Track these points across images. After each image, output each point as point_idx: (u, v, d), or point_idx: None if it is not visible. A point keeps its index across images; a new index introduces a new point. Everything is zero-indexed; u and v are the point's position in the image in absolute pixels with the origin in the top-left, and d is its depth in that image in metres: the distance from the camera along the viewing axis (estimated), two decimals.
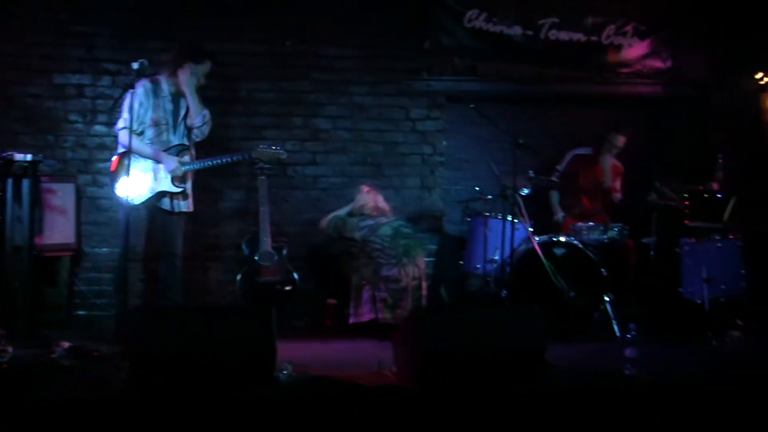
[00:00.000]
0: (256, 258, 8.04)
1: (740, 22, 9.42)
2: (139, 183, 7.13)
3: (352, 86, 9.00)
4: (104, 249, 8.38)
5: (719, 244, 7.96)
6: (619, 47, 9.52)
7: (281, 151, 7.94)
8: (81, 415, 5.07)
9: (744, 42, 9.50)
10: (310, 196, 8.89)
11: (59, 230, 7.89)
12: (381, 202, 8.17)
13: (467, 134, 9.35)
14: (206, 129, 7.58)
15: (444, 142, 9.13)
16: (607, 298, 7.63)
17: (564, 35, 9.32)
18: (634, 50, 9.57)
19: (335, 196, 8.90)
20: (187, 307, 6.97)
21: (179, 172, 7.37)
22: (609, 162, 8.85)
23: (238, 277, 8.06)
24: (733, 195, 8.33)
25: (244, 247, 8.20)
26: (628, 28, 9.52)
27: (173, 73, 7.35)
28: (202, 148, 7.85)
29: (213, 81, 8.55)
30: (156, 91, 7.15)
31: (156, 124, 7.28)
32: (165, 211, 7.31)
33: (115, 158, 7.39)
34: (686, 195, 8.31)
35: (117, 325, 6.96)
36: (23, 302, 7.22)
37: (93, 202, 8.47)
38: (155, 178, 7.22)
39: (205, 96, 8.10)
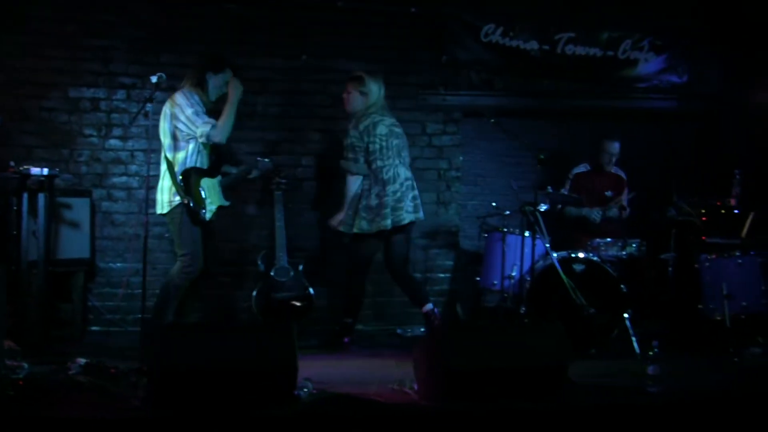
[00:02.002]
0: (271, 274, 8.03)
1: (755, 36, 9.37)
2: (209, 197, 7.13)
3: None
4: (118, 264, 8.33)
5: (739, 261, 7.90)
6: (635, 62, 9.50)
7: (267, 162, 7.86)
8: None
9: (760, 56, 9.45)
10: (328, 213, 8.80)
11: (74, 245, 7.85)
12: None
13: (483, 149, 9.32)
14: None
15: (460, 157, 9.10)
16: (626, 315, 7.56)
17: (580, 50, 9.30)
18: (650, 65, 9.56)
19: None
20: (208, 324, 6.92)
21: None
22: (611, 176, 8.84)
23: (254, 292, 8.04)
24: (751, 210, 8.27)
25: (259, 262, 8.18)
26: (644, 43, 9.51)
27: (201, 86, 7.20)
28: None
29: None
30: (199, 103, 7.10)
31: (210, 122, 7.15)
32: (209, 222, 7.26)
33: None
34: (704, 210, 8.26)
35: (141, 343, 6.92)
36: (38, 318, 7.17)
37: (107, 217, 8.44)
38: (214, 191, 7.19)
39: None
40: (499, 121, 7.90)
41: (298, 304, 8.10)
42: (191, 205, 6.89)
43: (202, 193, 7.03)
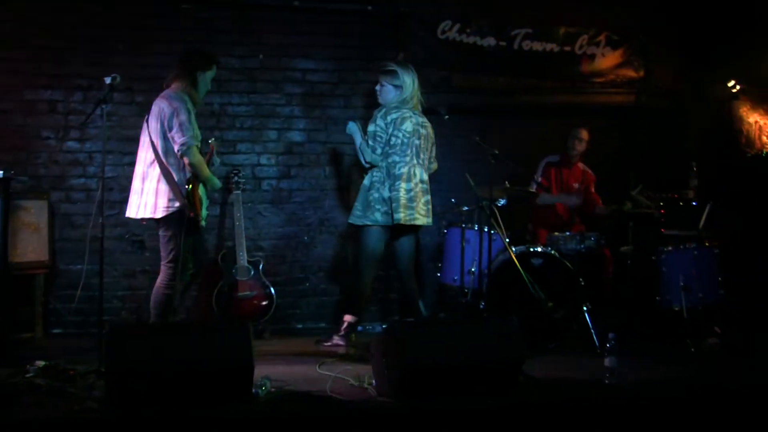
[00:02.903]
0: (232, 273, 8.00)
1: (711, 31, 9.47)
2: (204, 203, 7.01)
3: (326, 99, 8.99)
4: (78, 266, 8.27)
5: (696, 252, 7.97)
6: (592, 57, 9.57)
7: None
8: None
9: (715, 50, 9.56)
10: (286, 210, 8.87)
11: (32, 248, 7.81)
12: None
13: (441, 146, 9.28)
14: None
15: None
16: (585, 308, 7.61)
17: (537, 45, 9.36)
18: (607, 60, 9.63)
19: (312, 208, 8.91)
20: (164, 324, 6.89)
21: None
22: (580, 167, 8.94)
23: (215, 292, 8.02)
24: (707, 202, 8.35)
25: (219, 262, 8.16)
26: (601, 38, 9.57)
27: (192, 85, 6.98)
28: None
29: None
30: (193, 104, 6.92)
31: (197, 138, 6.91)
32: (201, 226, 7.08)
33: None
34: (662, 203, 8.33)
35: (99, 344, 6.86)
36: None
37: (66, 219, 8.40)
38: (205, 194, 7.03)
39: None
40: (457, 117, 7.92)
41: (259, 303, 8.10)
42: (193, 215, 6.77)
43: (201, 200, 6.89)
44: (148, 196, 6.80)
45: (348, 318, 7.70)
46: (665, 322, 7.94)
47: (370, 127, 7.49)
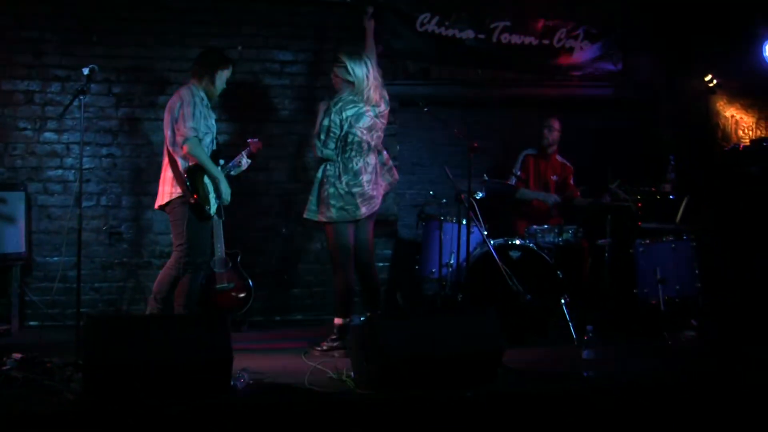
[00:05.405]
0: (210, 265, 7.97)
1: (688, 25, 9.49)
2: (212, 192, 7.15)
3: (304, 91, 8.96)
4: (55, 258, 8.24)
5: (673, 245, 8.01)
6: (570, 50, 9.55)
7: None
8: (31, 428, 4.99)
9: (692, 45, 9.58)
10: (264, 203, 8.85)
11: (9, 239, 7.76)
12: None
13: (420, 138, 9.36)
14: None
15: (397, 146, 9.11)
16: (563, 301, 7.63)
17: (516, 38, 9.33)
18: (585, 53, 9.62)
19: (289, 202, 8.87)
20: (142, 315, 6.90)
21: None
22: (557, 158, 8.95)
23: None
24: (685, 196, 8.39)
25: None
26: (579, 31, 9.56)
27: (211, 82, 7.23)
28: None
29: (163, 87, 8.51)
30: (203, 100, 7.14)
31: (208, 132, 7.17)
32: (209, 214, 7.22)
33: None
34: (639, 196, 8.37)
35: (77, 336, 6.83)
36: None
37: (44, 211, 8.36)
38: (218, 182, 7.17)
39: (157, 102, 8.06)
40: (435, 110, 7.89)
41: (237, 295, 8.08)
42: (194, 202, 6.94)
43: (207, 188, 7.06)
44: (160, 186, 7.19)
45: (339, 321, 7.33)
46: (642, 315, 7.98)
47: (324, 121, 7.24)
